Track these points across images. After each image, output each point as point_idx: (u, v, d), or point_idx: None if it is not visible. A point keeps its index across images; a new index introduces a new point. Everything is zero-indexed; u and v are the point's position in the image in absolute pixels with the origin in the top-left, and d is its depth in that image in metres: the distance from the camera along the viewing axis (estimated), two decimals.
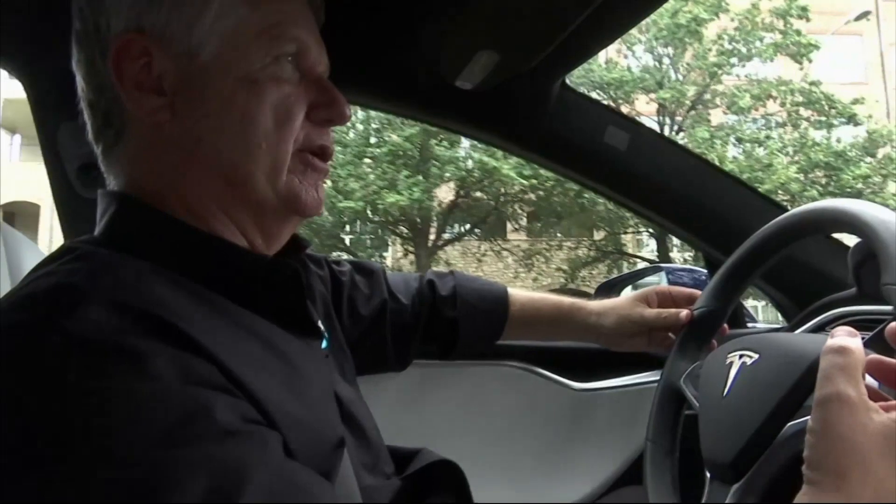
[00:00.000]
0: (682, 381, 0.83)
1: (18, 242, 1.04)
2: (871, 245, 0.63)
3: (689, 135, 13.25)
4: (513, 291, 1.05)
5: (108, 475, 0.39)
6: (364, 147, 12.97)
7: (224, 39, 0.57)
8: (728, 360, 0.71)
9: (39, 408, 0.40)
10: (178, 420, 0.41)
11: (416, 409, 1.32)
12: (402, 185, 12.25)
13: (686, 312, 0.93)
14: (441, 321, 0.99)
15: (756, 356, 0.68)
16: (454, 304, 0.99)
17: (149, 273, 0.51)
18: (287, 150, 0.59)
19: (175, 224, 0.57)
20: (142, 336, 0.44)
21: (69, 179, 1.09)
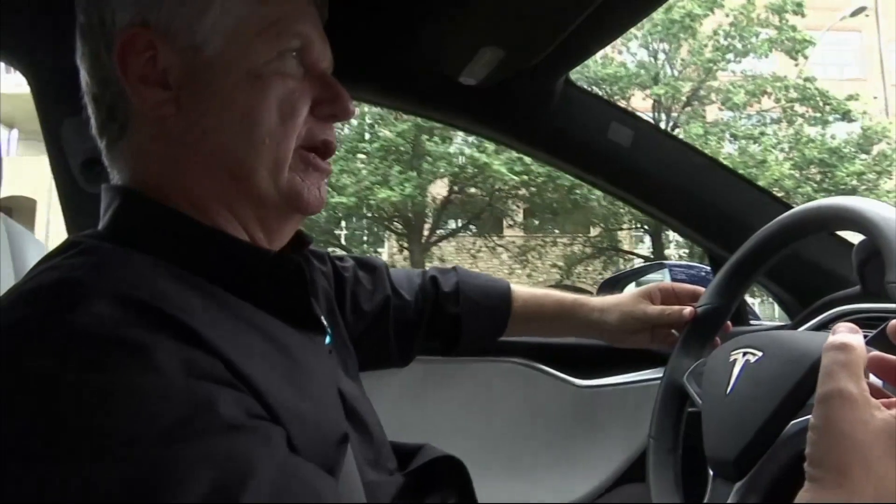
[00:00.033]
0: (686, 379, 0.83)
1: (22, 237, 1.04)
2: (876, 243, 0.62)
3: (684, 131, 13.17)
4: (516, 287, 1.04)
5: (112, 470, 0.39)
6: (357, 142, 12.89)
7: (229, 34, 0.57)
8: (731, 358, 0.71)
9: (43, 403, 0.40)
10: (183, 415, 0.41)
11: (419, 406, 1.32)
12: (395, 181, 12.16)
13: (689, 309, 0.92)
14: (444, 317, 0.98)
15: (760, 354, 0.68)
16: (457, 301, 0.99)
17: (153, 267, 0.51)
18: (290, 146, 0.59)
19: (179, 218, 0.57)
20: (146, 330, 0.44)
21: (73, 174, 1.09)
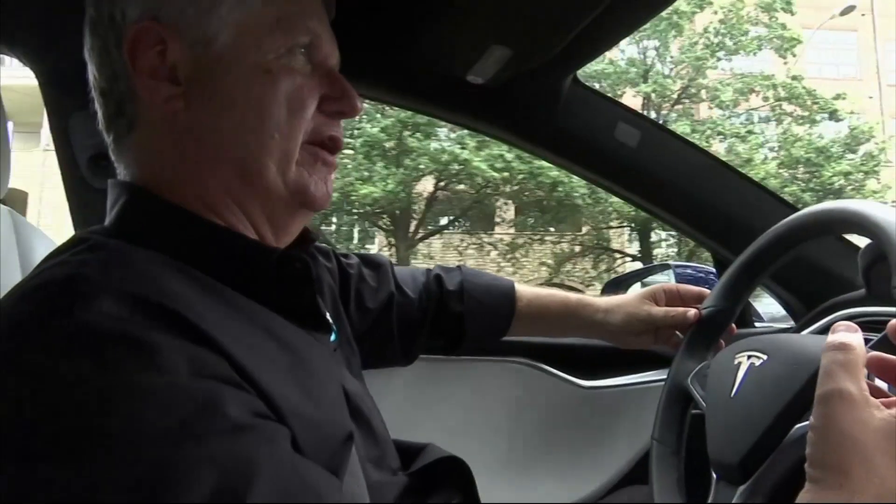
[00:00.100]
0: (690, 381, 0.83)
1: (29, 231, 1.04)
2: (882, 247, 0.62)
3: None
4: (520, 287, 1.04)
5: (116, 470, 0.38)
6: (346, 139, 12.74)
7: (238, 29, 0.57)
8: (736, 361, 0.71)
9: (47, 401, 0.40)
10: (189, 414, 0.41)
11: (422, 404, 1.32)
12: (378, 177, 11.99)
13: (694, 311, 0.92)
14: (448, 316, 0.98)
15: (764, 357, 0.68)
16: (461, 299, 0.99)
17: (160, 264, 0.51)
18: (298, 141, 0.59)
19: (186, 215, 0.57)
20: (153, 328, 0.44)
21: (80, 169, 1.10)
